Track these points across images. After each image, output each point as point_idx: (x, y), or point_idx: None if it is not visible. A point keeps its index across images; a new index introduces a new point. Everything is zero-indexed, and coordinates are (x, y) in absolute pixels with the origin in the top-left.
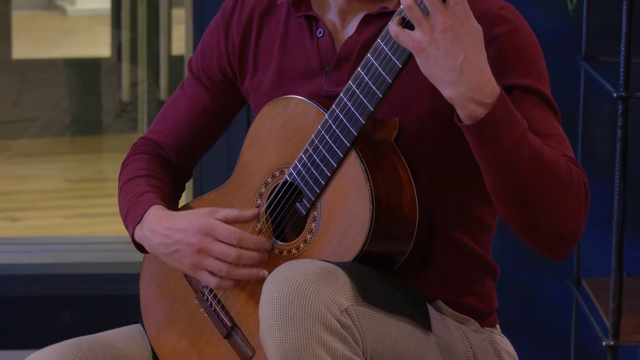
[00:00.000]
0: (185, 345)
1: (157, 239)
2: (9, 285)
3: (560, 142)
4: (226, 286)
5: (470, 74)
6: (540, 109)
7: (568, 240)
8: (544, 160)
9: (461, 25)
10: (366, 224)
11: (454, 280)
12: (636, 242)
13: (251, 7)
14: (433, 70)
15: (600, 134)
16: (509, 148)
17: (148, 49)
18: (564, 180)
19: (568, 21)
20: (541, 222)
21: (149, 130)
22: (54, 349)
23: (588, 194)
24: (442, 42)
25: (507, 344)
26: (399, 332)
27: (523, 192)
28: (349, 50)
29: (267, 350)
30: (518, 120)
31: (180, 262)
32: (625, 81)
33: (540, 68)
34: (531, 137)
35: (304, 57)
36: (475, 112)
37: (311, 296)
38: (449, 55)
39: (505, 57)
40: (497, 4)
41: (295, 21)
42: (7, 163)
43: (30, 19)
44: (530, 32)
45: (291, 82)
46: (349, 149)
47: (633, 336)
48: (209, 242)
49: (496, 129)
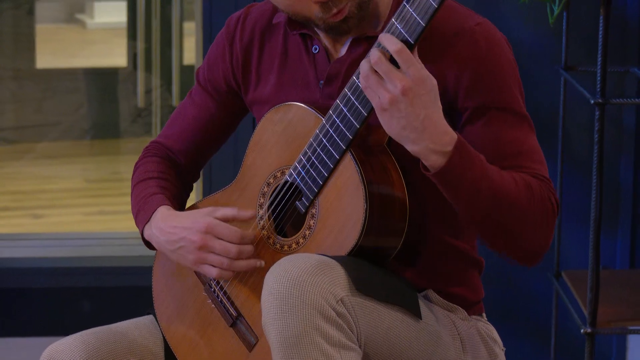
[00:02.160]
0: (194, 333)
1: (164, 236)
2: (32, 277)
3: (530, 157)
4: (226, 276)
5: (430, 129)
6: (515, 125)
7: (534, 255)
8: (502, 194)
9: (418, 87)
10: (360, 221)
11: (442, 272)
12: (612, 238)
13: (253, 23)
14: (397, 130)
15: (578, 137)
16: (469, 188)
17: (161, 59)
18: (523, 207)
19: (549, 33)
20: (507, 244)
21: (159, 135)
22: (74, 338)
23: (554, 207)
24: (404, 104)
25: (492, 331)
26: (391, 320)
27: (487, 223)
28: (337, 69)
29: (269, 337)
30: (474, 161)
31: (184, 257)
32: (601, 89)
33: (514, 85)
34: (491, 172)
35: (301, 70)
36: (436, 161)
37: (309, 287)
38: (411, 115)
39: (482, 78)
40: (473, 19)
41: (293, 37)
42: (31, 164)
43: (53, 32)
44: (506, 48)
45: (289, 93)
46: (345, 152)
47: (609, 324)
48: (210, 240)
49: (456, 174)
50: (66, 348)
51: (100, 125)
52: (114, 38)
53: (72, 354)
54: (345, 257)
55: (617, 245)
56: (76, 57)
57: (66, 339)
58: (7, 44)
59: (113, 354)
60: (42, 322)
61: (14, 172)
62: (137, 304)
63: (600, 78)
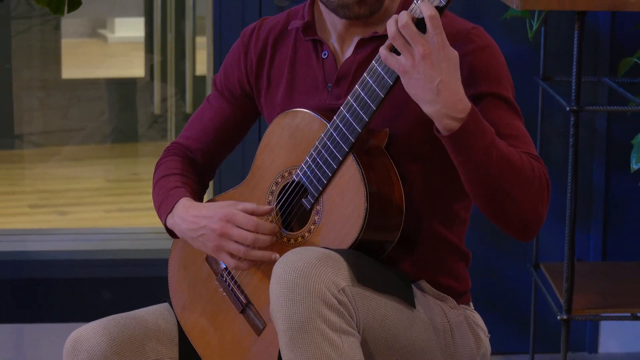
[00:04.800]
0: (206, 320)
1: (186, 225)
2: (58, 269)
3: (525, 141)
4: (243, 267)
5: (445, 94)
6: (508, 113)
7: (532, 225)
8: (510, 162)
9: (438, 53)
10: (361, 218)
11: (434, 264)
12: (586, 233)
13: (266, 33)
14: (414, 90)
15: (555, 141)
16: (480, 154)
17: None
18: (527, 177)
19: (528, 46)
20: (509, 212)
21: (179, 136)
22: (96, 324)
23: (549, 185)
24: (422, 67)
25: (478, 318)
26: (387, 308)
27: (493, 189)
28: (347, 69)
29: (276, 323)
30: (487, 130)
31: (204, 244)
32: (576, 97)
33: (507, 78)
34: (499, 143)
35: (310, 75)
36: (450, 125)
37: (314, 277)
38: (428, 78)
39: (478, 70)
40: (470, 24)
41: (303, 45)
42: (58, 166)
43: (77, 45)
44: (498, 49)
45: (299, 96)
46: (347, 154)
47: (583, 311)
48: (230, 228)
49: (468, 139)
50: (89, 333)
51: (120, 130)
52: (132, 51)
53: (95, 339)
54: (347, 251)
55: (591, 240)
56: (98, 69)
57: (89, 325)
58: (35, 57)
59: (132, 338)
60: (67, 309)
61: (42, 173)
62: (154, 292)
63: (575, 87)
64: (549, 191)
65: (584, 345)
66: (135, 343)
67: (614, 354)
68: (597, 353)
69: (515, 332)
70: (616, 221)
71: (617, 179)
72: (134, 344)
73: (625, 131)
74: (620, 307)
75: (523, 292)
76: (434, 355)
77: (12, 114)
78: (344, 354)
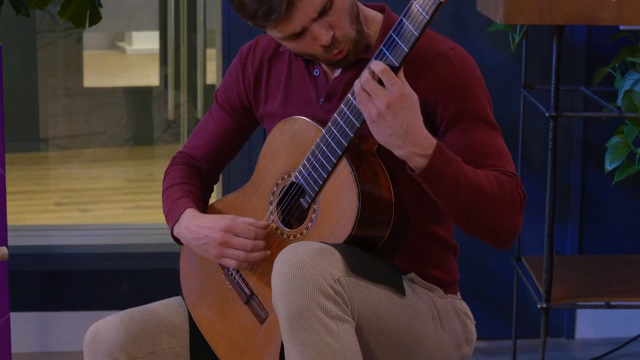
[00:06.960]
0: (214, 311)
1: (190, 234)
2: (80, 262)
3: (501, 158)
4: (243, 267)
5: (412, 136)
6: (485, 130)
7: (506, 237)
8: (477, 187)
9: (399, 101)
10: (354, 215)
11: (423, 257)
12: (563, 228)
13: (262, 52)
14: (385, 138)
15: (535, 145)
16: (450, 183)
17: (188, 79)
18: (496, 196)
19: (510, 57)
20: (482, 228)
21: (184, 146)
22: (113, 317)
23: (522, 197)
24: (388, 116)
25: (465, 307)
26: (380, 297)
27: (465, 212)
28: (335, 87)
29: (277, 311)
30: (452, 161)
31: (207, 252)
32: (555, 104)
33: (484, 96)
34: (466, 170)
35: (304, 90)
36: (419, 163)
37: (311, 269)
38: (395, 125)
39: (457, 90)
40: (448, 44)
41: (297, 62)
42: (80, 167)
43: (98, 57)
44: (475, 68)
45: (294, 108)
46: (341, 157)
47: (561, 301)
48: (229, 237)
49: (437, 172)
50: (107, 326)
51: (137, 134)
52: (148, 62)
53: (112, 331)
54: (342, 245)
55: (568, 235)
56: (117, 78)
57: (106, 318)
58: (59, 67)
59: (146, 330)
60: (87, 298)
61: (65, 173)
62: (168, 284)
63: (554, 95)
64: (522, 203)
65: (561, 331)
66: (149, 335)
67: (589, 339)
68: (574, 339)
69: (498, 319)
70: (592, 218)
71: (592, 179)
72: (148, 335)
73: (600, 135)
74: (595, 297)
75: (506, 282)
76: (424, 340)
77: (38, 119)
78: (340, 339)
